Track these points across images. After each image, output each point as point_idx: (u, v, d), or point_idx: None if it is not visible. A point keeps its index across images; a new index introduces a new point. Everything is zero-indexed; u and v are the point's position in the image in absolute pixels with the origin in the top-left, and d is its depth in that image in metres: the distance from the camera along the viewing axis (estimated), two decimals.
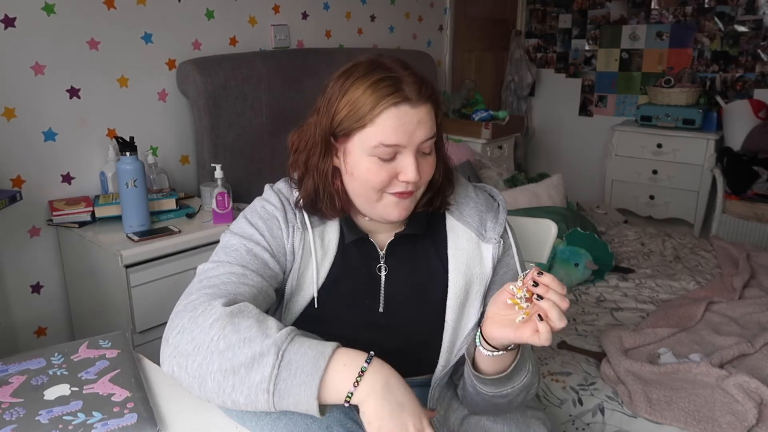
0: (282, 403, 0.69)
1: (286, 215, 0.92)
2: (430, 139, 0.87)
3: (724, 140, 3.24)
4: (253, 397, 0.69)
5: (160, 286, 1.64)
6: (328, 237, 0.95)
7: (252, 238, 0.89)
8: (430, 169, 0.90)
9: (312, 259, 0.92)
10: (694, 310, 1.83)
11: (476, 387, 0.88)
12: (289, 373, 0.69)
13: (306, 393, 0.68)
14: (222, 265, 0.85)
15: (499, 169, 3.00)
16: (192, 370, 0.73)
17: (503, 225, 0.98)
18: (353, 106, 0.85)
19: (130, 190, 1.63)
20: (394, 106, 0.83)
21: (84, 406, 0.80)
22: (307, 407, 0.68)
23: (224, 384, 0.71)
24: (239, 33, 2.28)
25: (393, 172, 0.86)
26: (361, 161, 0.87)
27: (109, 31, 1.88)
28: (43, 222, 1.83)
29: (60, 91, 1.80)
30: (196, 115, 2.07)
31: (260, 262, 0.88)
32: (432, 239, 0.98)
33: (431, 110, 0.87)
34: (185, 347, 0.73)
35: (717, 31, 3.40)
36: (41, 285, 1.87)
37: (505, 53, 3.94)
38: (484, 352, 0.82)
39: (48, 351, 0.95)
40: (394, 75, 0.85)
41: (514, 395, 0.88)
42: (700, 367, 1.46)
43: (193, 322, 0.75)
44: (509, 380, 0.86)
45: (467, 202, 1.00)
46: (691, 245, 2.52)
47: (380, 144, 0.84)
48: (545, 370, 1.55)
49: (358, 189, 0.90)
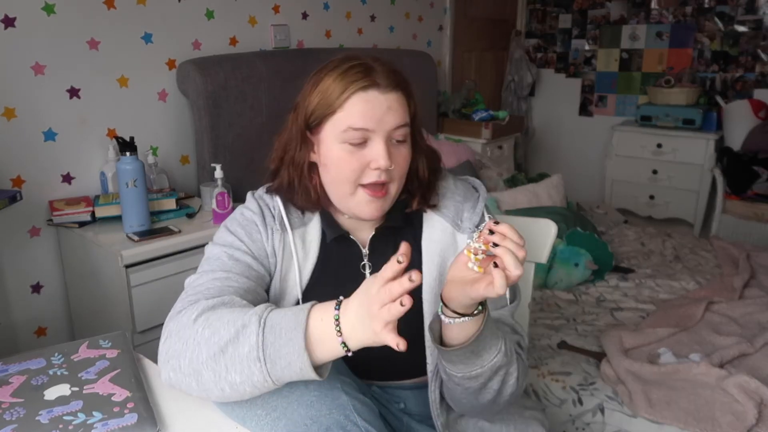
0: (276, 369, 0.70)
1: (265, 219, 0.94)
2: (402, 126, 0.87)
3: (724, 140, 3.24)
4: (247, 371, 0.70)
5: (161, 286, 1.64)
6: (309, 237, 0.95)
7: (232, 245, 0.91)
8: (403, 159, 0.90)
9: (293, 260, 0.93)
10: (694, 310, 1.83)
11: (446, 370, 0.83)
12: (273, 335, 0.70)
13: (294, 349, 0.69)
14: (205, 274, 0.87)
15: (499, 169, 3.00)
16: (185, 368, 0.74)
17: (480, 214, 0.98)
18: (323, 94, 0.87)
19: (130, 190, 1.63)
20: (362, 90, 0.85)
21: (84, 406, 0.80)
22: (300, 366, 0.69)
23: (218, 368, 0.72)
24: (239, 33, 2.28)
25: (364, 160, 0.87)
26: (333, 149, 0.88)
27: (109, 31, 1.88)
28: (43, 222, 1.83)
29: (60, 91, 1.80)
30: (196, 115, 2.06)
31: (243, 265, 0.89)
32: (412, 232, 0.98)
33: (402, 99, 0.88)
34: (174, 348, 0.76)
35: (717, 31, 3.40)
36: (41, 285, 1.87)
37: (505, 53, 3.94)
38: (445, 320, 0.77)
39: (48, 351, 0.95)
40: (364, 62, 0.87)
41: (486, 377, 0.82)
42: (700, 367, 1.46)
43: (178, 324, 0.77)
44: (477, 356, 0.80)
45: (444, 193, 1.00)
46: (691, 245, 2.52)
47: (349, 128, 0.85)
48: (545, 370, 1.55)
49: (332, 181, 0.90)
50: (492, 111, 3.24)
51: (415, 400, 1.00)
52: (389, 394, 1.01)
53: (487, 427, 0.97)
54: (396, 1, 2.98)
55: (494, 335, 0.81)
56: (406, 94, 0.89)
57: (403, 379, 1.01)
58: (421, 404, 0.99)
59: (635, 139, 3.44)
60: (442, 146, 2.74)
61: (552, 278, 2.09)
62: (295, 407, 0.78)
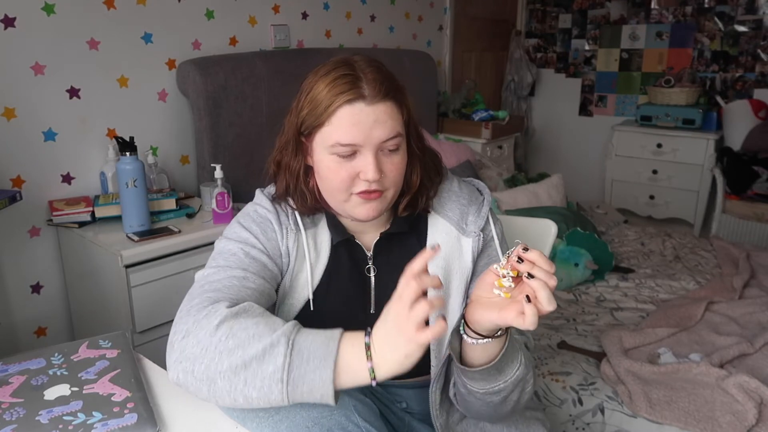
0: (296, 392, 0.69)
1: (279, 217, 0.93)
2: (392, 138, 0.86)
3: (724, 140, 3.24)
4: (266, 389, 0.70)
5: (160, 286, 1.64)
6: (320, 239, 0.95)
7: (248, 241, 0.90)
8: (396, 168, 0.88)
9: (306, 261, 0.92)
10: (694, 309, 1.83)
11: (467, 385, 0.84)
12: (301, 360, 0.69)
13: (321, 377, 0.68)
14: (222, 270, 0.85)
15: (499, 169, 3.00)
16: (199, 373, 0.73)
17: (485, 218, 0.97)
18: (313, 103, 0.86)
19: (130, 190, 1.63)
20: (348, 103, 0.83)
21: (84, 406, 0.80)
22: (322, 393, 0.69)
23: (235, 381, 0.71)
24: (239, 33, 2.28)
25: (353, 171, 0.86)
26: (323, 159, 0.87)
27: (109, 31, 1.88)
28: (43, 222, 1.83)
29: (60, 91, 1.80)
30: (196, 115, 2.06)
31: (259, 264, 0.88)
32: (417, 236, 0.98)
33: (391, 108, 0.86)
34: (191, 351, 0.74)
35: (717, 31, 3.40)
36: (41, 285, 1.87)
37: (505, 53, 3.93)
38: (468, 340, 0.78)
39: (48, 351, 0.95)
40: (353, 73, 0.85)
41: (508, 391, 0.83)
42: (700, 367, 1.46)
43: (198, 325, 0.75)
44: (500, 372, 0.81)
45: (449, 197, 0.99)
46: (691, 245, 2.52)
47: (337, 143, 0.85)
48: (545, 370, 1.55)
49: (325, 188, 0.90)
50: (492, 111, 3.24)
51: (417, 399, 1.00)
52: (391, 394, 1.01)
53: (489, 428, 0.97)
54: (396, 1, 2.98)
55: (514, 349, 0.82)
56: (397, 102, 0.87)
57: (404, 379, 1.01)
58: (422, 403, 0.99)
59: (635, 139, 3.44)
60: (442, 146, 2.75)
61: None
62: (297, 408, 0.78)
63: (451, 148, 2.81)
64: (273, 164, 0.96)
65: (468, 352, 0.81)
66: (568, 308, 1.96)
